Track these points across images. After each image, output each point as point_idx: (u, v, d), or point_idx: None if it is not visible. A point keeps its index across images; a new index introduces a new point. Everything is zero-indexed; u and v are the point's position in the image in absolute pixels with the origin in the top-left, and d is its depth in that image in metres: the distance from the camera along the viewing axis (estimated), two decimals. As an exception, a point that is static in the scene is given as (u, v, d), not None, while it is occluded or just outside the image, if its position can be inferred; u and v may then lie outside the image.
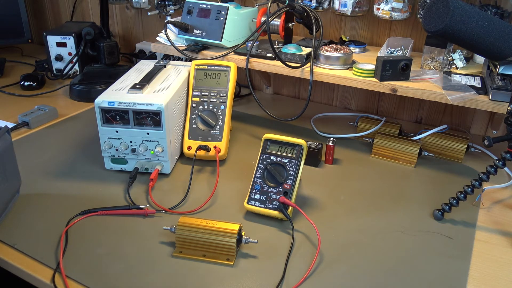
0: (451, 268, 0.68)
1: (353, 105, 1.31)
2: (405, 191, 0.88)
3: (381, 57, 0.92)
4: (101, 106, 0.86)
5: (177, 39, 1.14)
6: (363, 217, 0.80)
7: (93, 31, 1.40)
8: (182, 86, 0.97)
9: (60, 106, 1.26)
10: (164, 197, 0.85)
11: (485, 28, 0.76)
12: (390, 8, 1.05)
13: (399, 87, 0.92)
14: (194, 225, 0.70)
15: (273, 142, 0.81)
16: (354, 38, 1.22)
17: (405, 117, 1.25)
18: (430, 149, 1.02)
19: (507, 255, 0.72)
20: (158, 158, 0.89)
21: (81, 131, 1.11)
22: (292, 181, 0.78)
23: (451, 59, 1.02)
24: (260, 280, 0.65)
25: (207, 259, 0.69)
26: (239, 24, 1.11)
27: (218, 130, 0.96)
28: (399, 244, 0.73)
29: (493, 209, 0.84)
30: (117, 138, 0.88)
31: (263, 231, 0.76)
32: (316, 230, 0.74)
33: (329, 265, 0.68)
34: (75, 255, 0.69)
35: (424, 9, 0.83)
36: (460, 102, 0.86)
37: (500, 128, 1.12)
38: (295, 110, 1.28)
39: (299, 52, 1.02)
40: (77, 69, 1.45)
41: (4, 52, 1.76)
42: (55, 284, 0.64)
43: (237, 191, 0.87)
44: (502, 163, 0.74)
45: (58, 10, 1.82)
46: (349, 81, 0.97)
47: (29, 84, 1.37)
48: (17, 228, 0.75)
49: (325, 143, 0.98)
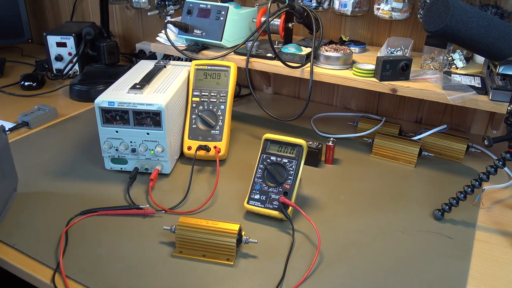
0: (451, 268, 0.68)
1: (353, 105, 1.31)
2: (405, 191, 0.88)
3: (381, 57, 0.92)
4: (101, 106, 0.86)
5: (177, 39, 1.14)
6: (363, 217, 0.80)
7: (93, 31, 1.40)
8: (182, 86, 0.97)
9: (60, 106, 1.26)
10: (164, 197, 0.85)
11: (485, 28, 0.76)
12: (390, 8, 1.05)
13: (399, 87, 0.92)
14: (194, 225, 0.70)
15: (273, 142, 0.81)
16: (354, 38, 1.22)
17: (405, 117, 1.25)
18: (430, 149, 1.02)
19: (507, 255, 0.72)
20: (158, 158, 0.89)
21: (81, 131, 1.11)
22: (292, 181, 0.78)
23: (451, 59, 1.02)
24: (260, 280, 0.65)
25: (207, 259, 0.69)
26: (239, 24, 1.11)
27: (218, 130, 0.96)
28: (399, 244, 0.73)
29: (493, 209, 0.84)
30: (117, 138, 0.88)
31: (263, 231, 0.76)
32: (316, 230, 0.74)
33: (329, 265, 0.68)
34: (75, 255, 0.69)
35: (424, 9, 0.83)
36: (460, 102, 0.86)
37: (500, 128, 1.12)
38: (295, 110, 1.28)
39: (299, 52, 1.02)
40: (77, 69, 1.45)
41: (4, 52, 1.76)
42: (55, 284, 0.64)
43: (237, 191, 0.87)
44: (502, 163, 0.74)
45: (58, 10, 1.82)
46: (349, 81, 0.97)
47: (29, 84, 1.37)
48: (17, 228, 0.75)
49: (325, 143, 0.98)
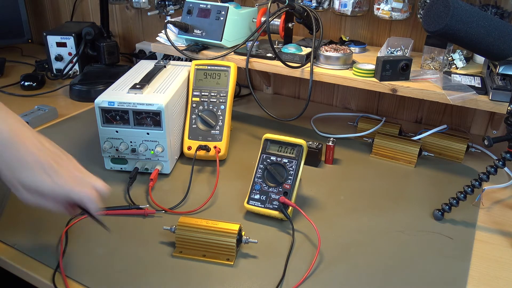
0: (451, 268, 0.68)
1: (353, 105, 1.31)
2: (405, 191, 0.88)
3: (381, 57, 0.92)
4: (101, 106, 0.86)
5: (177, 39, 1.14)
6: (363, 217, 0.80)
7: (93, 31, 1.40)
8: (182, 86, 0.97)
9: (60, 106, 1.26)
10: (164, 197, 0.85)
11: (485, 28, 0.76)
12: (390, 8, 1.05)
13: (399, 87, 0.92)
14: (194, 225, 0.70)
15: (273, 142, 0.81)
16: (354, 38, 1.22)
17: (405, 117, 1.25)
18: (430, 149, 1.02)
19: (507, 255, 0.72)
20: (158, 158, 0.89)
21: (81, 131, 1.11)
22: (292, 181, 0.78)
23: (451, 59, 1.02)
24: (260, 280, 0.65)
25: (207, 259, 0.69)
26: (239, 24, 1.11)
27: (218, 130, 0.96)
28: (399, 244, 0.73)
29: (493, 209, 0.84)
30: (117, 138, 0.88)
31: (263, 231, 0.76)
32: (316, 230, 0.74)
33: (329, 265, 0.68)
34: (75, 255, 0.69)
35: (424, 9, 0.83)
36: (460, 102, 0.86)
37: (500, 128, 1.12)
38: (295, 110, 1.28)
39: (299, 52, 1.02)
40: (77, 69, 1.45)
41: (4, 52, 1.75)
42: (55, 284, 0.64)
43: (237, 191, 0.87)
44: (502, 163, 0.74)
45: (58, 10, 1.82)
46: (349, 81, 0.97)
47: (29, 84, 1.37)
48: (17, 228, 0.75)
49: (325, 143, 0.98)
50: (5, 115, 0.59)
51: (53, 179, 0.58)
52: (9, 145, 0.57)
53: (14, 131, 0.58)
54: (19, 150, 0.57)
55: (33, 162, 0.57)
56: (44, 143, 0.60)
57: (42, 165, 0.58)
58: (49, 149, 0.60)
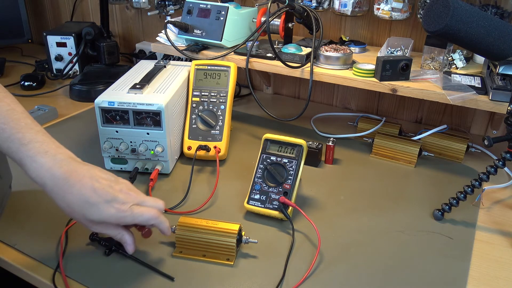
0: (451, 268, 0.68)
1: (353, 105, 1.31)
2: (405, 191, 0.88)
3: (381, 57, 0.92)
4: (101, 106, 0.86)
5: (177, 39, 1.14)
6: (363, 217, 0.80)
7: (93, 31, 1.40)
8: (182, 86, 0.97)
9: (60, 106, 1.26)
10: (164, 197, 0.84)
11: (485, 28, 0.76)
12: (390, 8, 1.05)
13: (399, 87, 0.92)
14: (194, 225, 0.70)
15: (273, 142, 0.81)
16: (354, 38, 1.22)
17: (405, 117, 1.25)
18: (430, 149, 1.02)
19: (507, 255, 0.72)
20: (158, 158, 0.89)
21: (81, 131, 1.11)
22: (292, 181, 0.78)
23: (451, 59, 1.02)
24: (260, 280, 0.65)
25: (207, 259, 0.69)
26: (239, 24, 1.11)
27: (218, 130, 0.96)
28: (399, 244, 0.73)
29: (493, 209, 0.84)
30: (117, 138, 0.88)
31: (263, 231, 0.76)
32: (316, 230, 0.74)
33: (329, 265, 0.68)
34: (75, 255, 0.69)
35: (424, 9, 0.83)
36: (460, 102, 0.86)
37: (500, 128, 1.12)
38: (295, 110, 1.28)
39: (299, 52, 1.02)
40: (77, 69, 1.45)
41: (4, 52, 1.76)
42: (55, 284, 0.64)
43: (237, 191, 0.87)
44: (502, 163, 0.74)
45: (58, 10, 1.82)
46: (349, 81, 0.97)
47: (29, 84, 1.38)
48: (17, 228, 0.75)
49: (325, 143, 0.98)
50: (55, 152, 0.60)
51: (116, 208, 0.60)
52: (67, 187, 0.58)
53: (69, 172, 0.59)
54: (80, 189, 0.59)
55: (94, 198, 0.59)
56: (96, 172, 0.61)
57: (102, 197, 0.59)
58: (101, 177, 0.61)
